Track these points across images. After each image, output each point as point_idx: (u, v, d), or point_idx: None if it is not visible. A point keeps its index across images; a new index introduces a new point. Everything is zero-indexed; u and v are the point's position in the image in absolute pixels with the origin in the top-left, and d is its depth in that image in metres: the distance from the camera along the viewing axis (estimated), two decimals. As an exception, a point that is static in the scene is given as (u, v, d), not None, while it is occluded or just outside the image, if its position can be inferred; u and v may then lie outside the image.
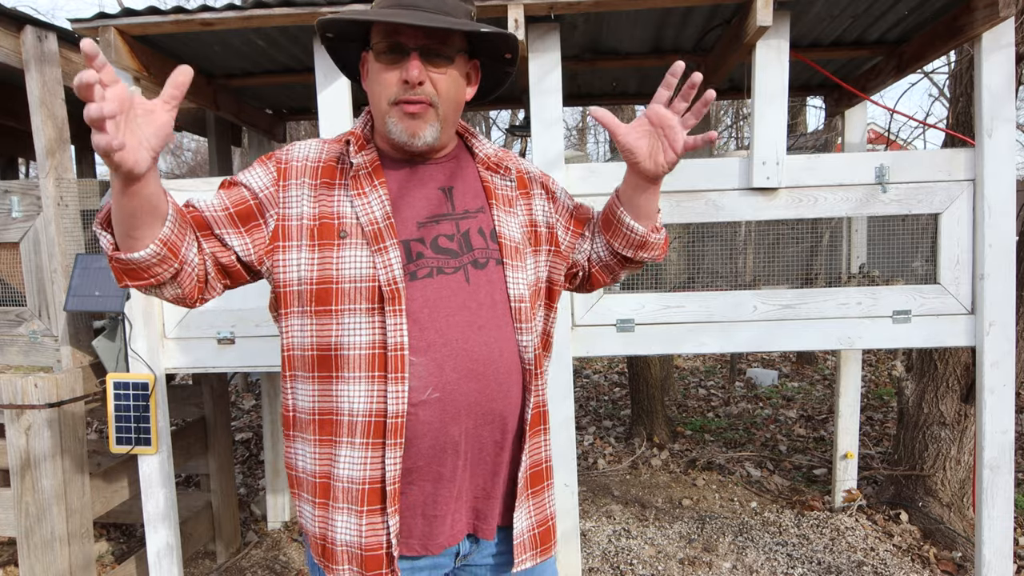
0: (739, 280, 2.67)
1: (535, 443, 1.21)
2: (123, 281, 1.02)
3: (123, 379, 2.44)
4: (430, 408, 1.09)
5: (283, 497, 3.56)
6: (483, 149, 1.26)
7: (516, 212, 1.23)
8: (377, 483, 1.09)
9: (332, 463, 1.12)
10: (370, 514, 1.09)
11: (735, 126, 9.08)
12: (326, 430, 1.12)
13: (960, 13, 2.26)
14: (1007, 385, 2.27)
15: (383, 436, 1.08)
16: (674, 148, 1.12)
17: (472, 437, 1.13)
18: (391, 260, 1.09)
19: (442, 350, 1.09)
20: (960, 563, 2.91)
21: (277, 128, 3.71)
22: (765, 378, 6.21)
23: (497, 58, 1.22)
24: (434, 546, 1.14)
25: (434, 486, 1.12)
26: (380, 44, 1.11)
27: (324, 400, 1.12)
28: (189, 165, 14.96)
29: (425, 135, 1.12)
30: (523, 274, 1.19)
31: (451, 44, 1.12)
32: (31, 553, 2.40)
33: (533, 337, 1.18)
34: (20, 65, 2.36)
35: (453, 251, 1.14)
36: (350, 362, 1.09)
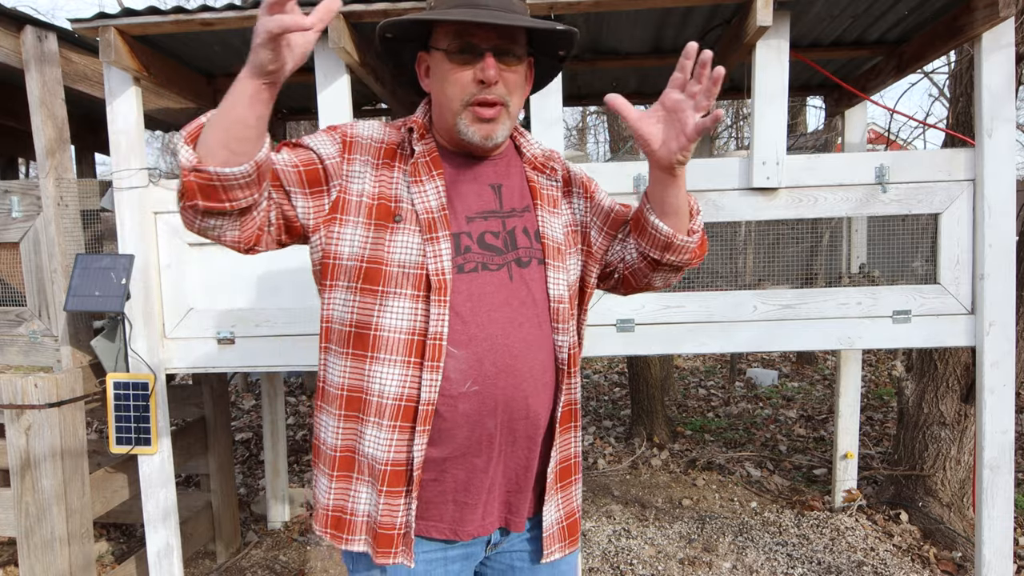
0: (739, 280, 2.67)
1: (565, 439, 1.24)
2: (194, 198, 0.96)
3: (123, 379, 2.44)
4: (468, 400, 1.11)
5: (283, 497, 3.56)
6: (531, 149, 1.28)
7: (560, 212, 1.26)
8: (400, 466, 1.11)
9: (357, 439, 1.15)
10: (388, 495, 1.12)
11: (735, 126, 9.08)
12: (353, 407, 1.14)
13: (960, 13, 2.26)
14: (1007, 385, 2.27)
15: (411, 421, 1.10)
16: (685, 132, 1.08)
17: (506, 431, 1.15)
18: (441, 251, 1.11)
19: (482, 344, 1.11)
20: (960, 563, 2.91)
21: (277, 128, 3.71)
22: (765, 378, 6.21)
23: (551, 54, 1.25)
24: (464, 533, 1.17)
25: (467, 475, 1.15)
26: (452, 44, 1.12)
27: (355, 377, 1.14)
28: (189, 165, 14.94)
29: (497, 136, 1.15)
30: (564, 275, 1.21)
31: (519, 43, 1.15)
32: (31, 553, 2.40)
33: (569, 337, 1.20)
34: (20, 65, 2.36)
35: (498, 248, 1.17)
36: (388, 344, 1.11)
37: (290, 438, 4.99)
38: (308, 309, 2.45)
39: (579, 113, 11.60)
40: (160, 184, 2.46)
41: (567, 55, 1.25)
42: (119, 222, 2.43)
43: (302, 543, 3.36)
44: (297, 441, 5.00)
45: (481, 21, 1.08)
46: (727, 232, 2.74)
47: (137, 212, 2.42)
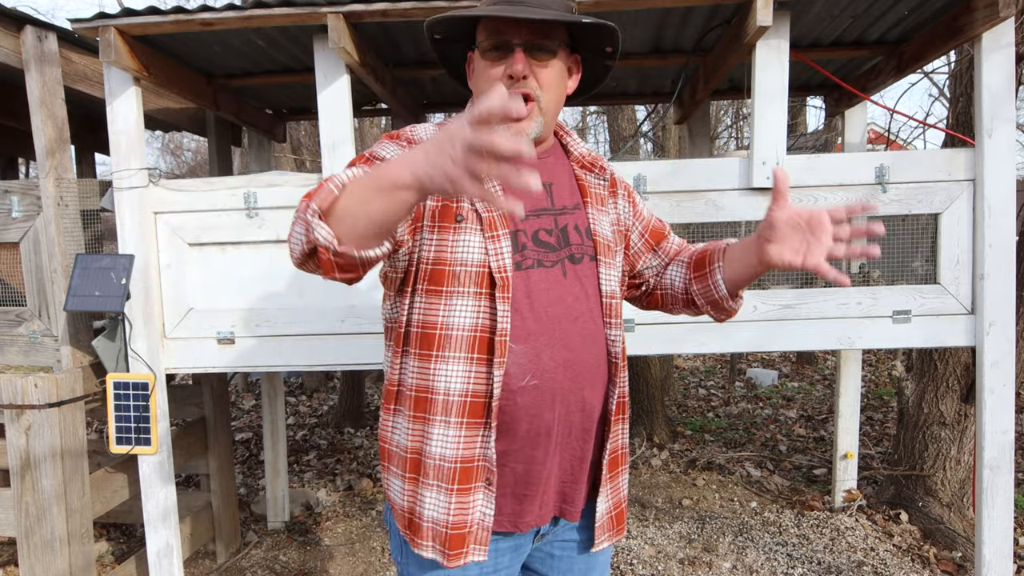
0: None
1: (616, 430, 1.26)
2: (331, 273, 0.98)
3: (123, 379, 2.44)
4: (527, 394, 1.14)
5: (283, 497, 3.57)
6: (577, 148, 1.30)
7: (608, 211, 1.29)
8: (470, 462, 1.13)
9: (424, 440, 1.15)
10: (460, 492, 1.13)
11: (735, 126, 9.08)
12: (420, 407, 1.16)
13: (960, 13, 2.26)
14: (1007, 385, 2.27)
15: (480, 416, 1.13)
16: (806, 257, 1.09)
17: (563, 423, 1.18)
18: (502, 248, 1.14)
19: (540, 339, 1.14)
20: (960, 563, 2.91)
21: (277, 128, 3.71)
22: (765, 378, 6.21)
23: (598, 51, 1.25)
24: (523, 524, 1.19)
25: (526, 468, 1.17)
26: (485, 42, 1.15)
27: (421, 378, 1.16)
28: (189, 165, 14.97)
29: (529, 132, 1.16)
30: (615, 271, 1.26)
31: (553, 38, 1.15)
32: (31, 553, 2.40)
33: (620, 331, 1.24)
34: (20, 65, 2.36)
35: (552, 245, 1.19)
36: (451, 343, 1.13)
37: (290, 438, 4.99)
38: (308, 309, 2.45)
39: (579, 113, 11.61)
40: (160, 184, 2.46)
41: (614, 51, 1.25)
42: (119, 222, 2.43)
43: (302, 543, 3.36)
44: (297, 441, 5.00)
45: (508, 16, 1.09)
46: (727, 232, 2.74)
47: (137, 212, 2.42)
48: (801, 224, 1.10)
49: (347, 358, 2.45)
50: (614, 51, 1.25)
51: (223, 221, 2.44)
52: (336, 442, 4.94)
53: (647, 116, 5.72)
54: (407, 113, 3.32)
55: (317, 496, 3.88)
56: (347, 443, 4.90)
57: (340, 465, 4.46)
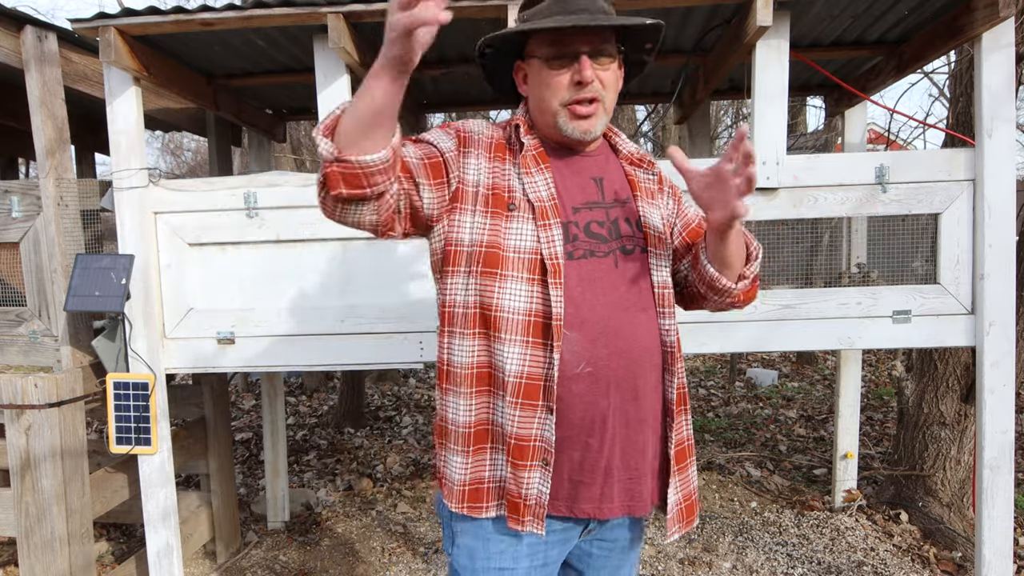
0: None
1: (680, 421, 1.28)
2: (338, 187, 1.03)
3: (123, 379, 2.44)
4: (582, 381, 1.17)
5: (283, 497, 3.57)
6: (626, 147, 1.36)
7: (658, 205, 1.33)
8: (525, 440, 1.17)
9: (490, 412, 1.21)
10: (514, 466, 1.18)
11: (735, 126, 9.08)
12: (484, 382, 1.21)
13: (960, 13, 2.26)
14: (1007, 385, 2.26)
15: (535, 398, 1.16)
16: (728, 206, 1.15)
17: (619, 412, 1.20)
18: (554, 236, 1.18)
19: (595, 327, 1.17)
20: (960, 563, 2.91)
21: (277, 128, 3.71)
22: (765, 378, 6.21)
23: (639, 48, 1.31)
24: (578, 510, 1.21)
25: (582, 455, 1.20)
26: (548, 52, 1.21)
27: (483, 354, 1.20)
28: (189, 165, 14.97)
29: (595, 130, 1.24)
30: (666, 262, 1.29)
31: (610, 41, 1.22)
32: (31, 553, 2.40)
33: (674, 321, 1.26)
34: (20, 65, 2.36)
35: (603, 236, 1.24)
36: (507, 325, 1.17)
37: (290, 438, 4.99)
38: (308, 309, 2.45)
39: (579, 113, 11.61)
40: (160, 184, 2.46)
41: (655, 47, 1.31)
42: (119, 222, 2.43)
43: (302, 543, 3.36)
44: (297, 441, 5.00)
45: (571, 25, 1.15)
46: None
47: (137, 212, 2.42)
48: (713, 181, 1.16)
49: (347, 358, 2.45)
50: (654, 46, 1.32)
51: (223, 221, 2.44)
52: (336, 442, 4.94)
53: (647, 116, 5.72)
54: (407, 113, 3.32)
55: (317, 496, 3.88)
56: (347, 443, 4.90)
57: (340, 465, 4.46)
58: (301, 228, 2.42)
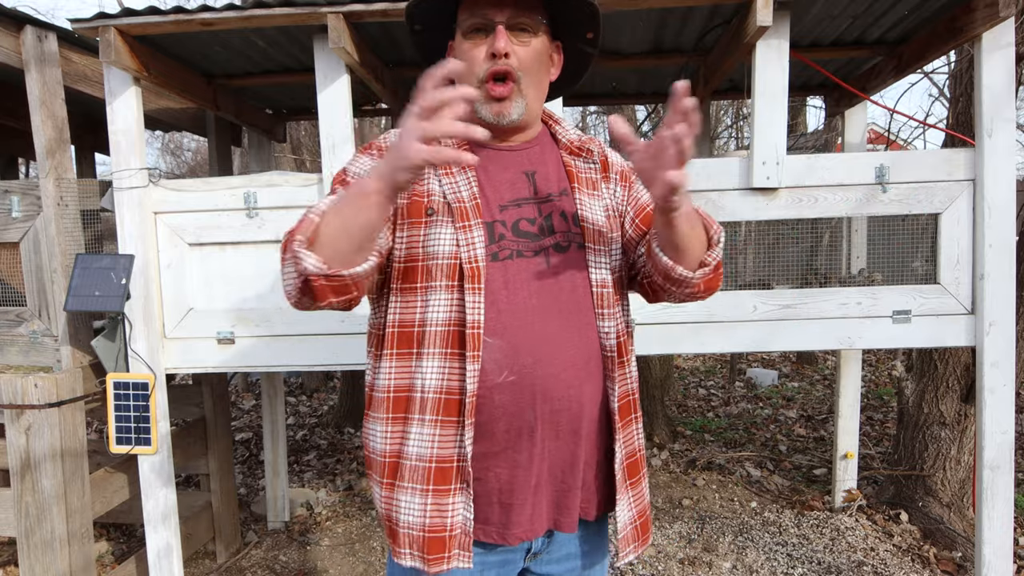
0: (739, 280, 2.67)
1: (628, 432, 1.20)
2: (327, 298, 1.00)
3: (123, 379, 2.44)
4: (504, 391, 1.08)
5: (283, 497, 3.56)
6: (566, 135, 1.26)
7: (600, 195, 1.22)
8: (447, 462, 1.08)
9: (403, 441, 1.12)
10: (436, 494, 1.08)
11: (735, 126, 9.08)
12: (400, 407, 1.12)
13: (960, 13, 2.25)
14: (1007, 385, 2.26)
15: (454, 414, 1.08)
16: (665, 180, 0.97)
17: (548, 423, 1.11)
18: (474, 238, 1.10)
19: (518, 333, 1.09)
20: (960, 563, 2.91)
21: (277, 128, 3.71)
22: (765, 378, 6.21)
23: (579, 38, 1.22)
24: (511, 536, 1.12)
25: (510, 473, 1.11)
26: (467, 22, 1.13)
27: (401, 377, 1.12)
28: (189, 165, 14.96)
29: (511, 113, 1.14)
30: (606, 258, 1.18)
31: (535, 17, 1.13)
32: (31, 553, 2.40)
33: (615, 323, 1.16)
34: (20, 65, 2.36)
35: (534, 234, 1.14)
36: (428, 338, 1.09)
37: (290, 438, 4.99)
38: (308, 309, 2.45)
39: (579, 113, 11.61)
40: (160, 184, 2.46)
41: (596, 37, 1.21)
42: (119, 222, 2.43)
43: (302, 543, 3.36)
44: (297, 441, 5.00)
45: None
46: (727, 232, 2.73)
47: (137, 212, 2.42)
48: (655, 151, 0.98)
49: (347, 358, 2.45)
50: (595, 38, 1.22)
51: (223, 221, 2.44)
52: (336, 442, 4.94)
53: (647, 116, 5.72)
54: (401, 111, 3.32)
55: (317, 496, 3.88)
56: (347, 443, 4.90)
57: (340, 465, 4.46)
58: (301, 228, 2.41)
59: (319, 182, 2.40)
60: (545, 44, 1.16)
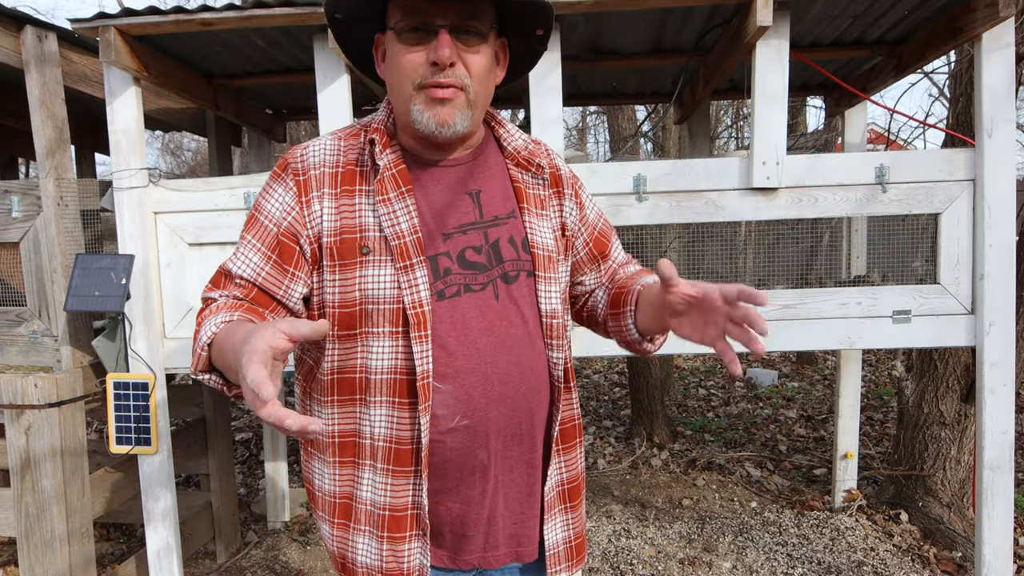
0: (739, 280, 2.67)
1: (571, 457, 1.16)
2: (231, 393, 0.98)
3: (123, 379, 2.44)
4: (458, 435, 1.03)
5: (283, 497, 3.56)
6: (512, 141, 1.15)
7: (548, 214, 1.14)
8: (400, 510, 1.04)
9: (354, 485, 1.07)
10: (391, 540, 1.04)
11: (735, 126, 9.08)
12: (347, 452, 1.07)
13: (960, 13, 2.26)
14: (1007, 385, 2.26)
15: (407, 464, 1.03)
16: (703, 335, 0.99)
17: (501, 458, 1.07)
18: (417, 280, 1.00)
19: (470, 376, 1.02)
20: (960, 563, 2.91)
21: (277, 128, 3.71)
22: (765, 378, 6.21)
23: (527, 35, 1.09)
24: (462, 561, 1.10)
25: (462, 507, 1.07)
26: (402, 22, 0.98)
27: (345, 422, 1.06)
28: (189, 165, 14.97)
29: (455, 124, 1.00)
30: (556, 286, 1.11)
31: (483, 19, 0.99)
32: (31, 553, 2.40)
33: (564, 352, 1.11)
34: (20, 65, 2.36)
35: (482, 265, 1.06)
36: (371, 386, 1.03)
37: (290, 438, 4.99)
38: (308, 309, 2.45)
39: (579, 113, 11.61)
40: (160, 184, 2.46)
41: (546, 34, 1.09)
42: (119, 222, 2.43)
43: (302, 543, 3.36)
44: (297, 441, 4.99)
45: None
46: (727, 232, 2.74)
47: (137, 212, 2.42)
48: (694, 304, 0.98)
49: (347, 358, 2.44)
50: (545, 35, 1.09)
51: (223, 221, 2.44)
52: (336, 442, 4.93)
53: (647, 116, 5.72)
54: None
55: (317, 496, 3.88)
56: (347, 443, 4.90)
57: (340, 465, 4.46)
58: (301, 228, 2.41)
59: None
60: (493, 47, 1.04)
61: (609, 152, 9.95)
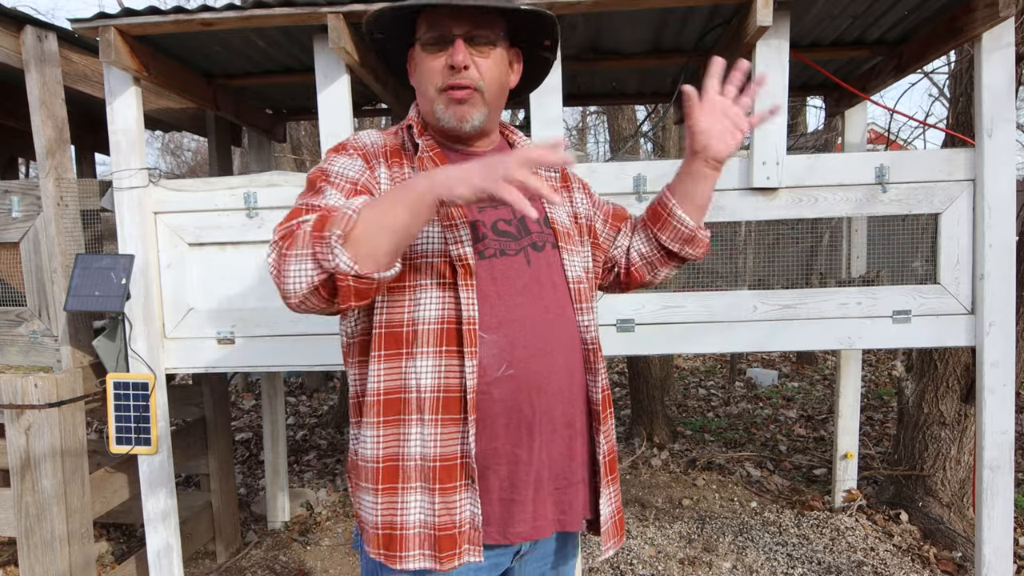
0: (739, 280, 2.67)
1: (607, 427, 1.22)
2: (349, 301, 0.98)
3: (123, 379, 2.44)
4: (504, 385, 1.09)
5: (283, 497, 3.57)
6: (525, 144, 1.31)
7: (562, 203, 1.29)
8: (450, 459, 1.08)
9: (400, 444, 1.10)
10: (443, 492, 1.08)
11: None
12: (392, 410, 1.10)
13: (960, 13, 2.25)
14: (1007, 385, 2.26)
15: (455, 412, 1.08)
16: (740, 127, 1.20)
17: (544, 416, 1.12)
18: (462, 236, 1.11)
19: (512, 327, 1.11)
20: (960, 563, 2.91)
21: (277, 128, 3.71)
22: (765, 378, 6.21)
23: (538, 44, 1.26)
24: (513, 535, 1.12)
25: (510, 469, 1.11)
26: (426, 35, 1.15)
27: (391, 379, 1.10)
28: (189, 165, 14.96)
29: (473, 119, 1.16)
30: (578, 258, 1.24)
31: (493, 28, 1.15)
32: (31, 553, 2.40)
33: (593, 317, 1.21)
34: (20, 65, 2.36)
35: (512, 234, 1.18)
36: (420, 337, 1.08)
37: (290, 438, 4.99)
38: (308, 309, 2.45)
39: (579, 113, 11.60)
40: (160, 184, 2.46)
41: (553, 45, 1.26)
42: (119, 222, 2.43)
43: (302, 543, 3.36)
44: (297, 441, 5.00)
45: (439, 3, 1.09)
46: (727, 232, 2.74)
47: (137, 212, 2.42)
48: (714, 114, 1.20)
49: (347, 358, 2.45)
50: (553, 44, 1.26)
51: (223, 221, 2.44)
52: (336, 442, 4.94)
53: (647, 116, 5.72)
54: (406, 113, 3.31)
55: (317, 496, 3.88)
56: (347, 443, 4.90)
57: (340, 465, 4.46)
58: (301, 228, 2.41)
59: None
60: (504, 53, 1.19)
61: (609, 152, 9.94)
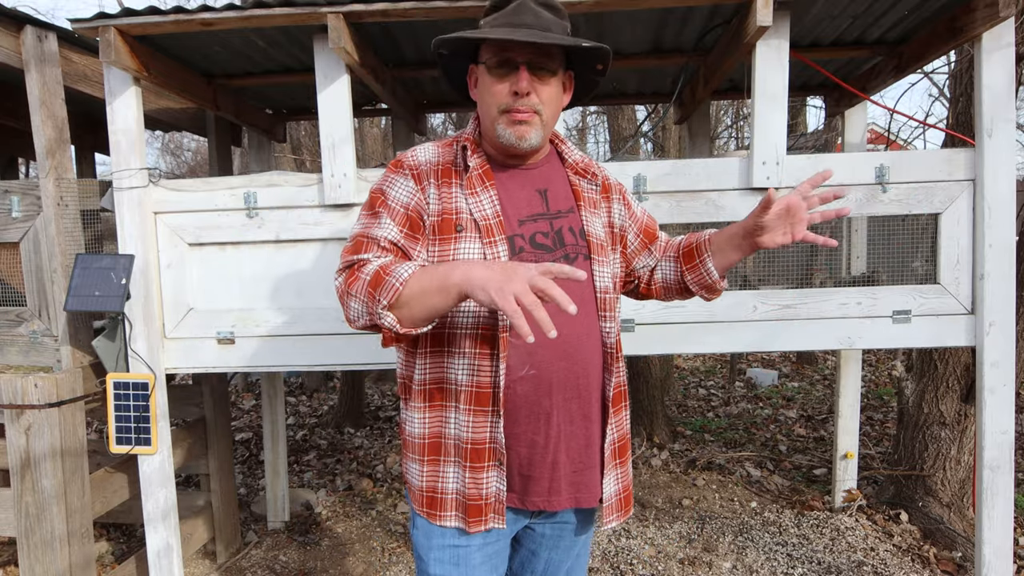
0: (739, 280, 2.67)
1: (619, 418, 1.38)
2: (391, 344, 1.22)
3: (123, 379, 2.44)
4: (526, 383, 1.27)
5: (283, 497, 3.57)
6: (571, 155, 1.44)
7: (599, 213, 1.42)
8: (480, 443, 1.27)
9: (442, 424, 1.31)
10: (472, 469, 1.28)
11: (735, 126, 9.08)
12: (436, 397, 1.31)
13: (960, 13, 2.26)
14: (1007, 385, 2.27)
15: (485, 404, 1.26)
16: (794, 234, 1.31)
17: (562, 410, 1.30)
18: (499, 252, 1.26)
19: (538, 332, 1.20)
20: (960, 563, 2.91)
21: (277, 128, 3.71)
22: (765, 378, 6.21)
23: (590, 68, 1.39)
24: (528, 502, 1.33)
25: (528, 450, 1.30)
26: (492, 59, 1.28)
27: (435, 371, 1.30)
28: (189, 165, 14.97)
29: (531, 138, 1.29)
30: (608, 268, 1.37)
31: (554, 58, 1.29)
32: (31, 553, 2.40)
33: (615, 324, 1.36)
34: (20, 65, 2.36)
35: (548, 246, 1.32)
36: (458, 340, 1.27)
37: (290, 438, 4.99)
38: (308, 309, 2.45)
39: (579, 113, 11.60)
40: (160, 184, 2.46)
41: (605, 69, 1.39)
42: (119, 222, 2.43)
43: (302, 543, 3.36)
44: (297, 441, 5.00)
45: (517, 40, 1.22)
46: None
47: (137, 212, 2.42)
48: (780, 213, 1.30)
49: (347, 358, 2.45)
50: (604, 69, 1.40)
51: (223, 221, 2.44)
52: (336, 442, 4.94)
53: (647, 116, 5.72)
54: (407, 113, 3.32)
55: (317, 496, 3.88)
56: (347, 443, 4.90)
57: (340, 465, 4.46)
58: (301, 228, 2.42)
59: (319, 182, 2.40)
60: (561, 79, 1.33)
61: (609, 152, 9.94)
